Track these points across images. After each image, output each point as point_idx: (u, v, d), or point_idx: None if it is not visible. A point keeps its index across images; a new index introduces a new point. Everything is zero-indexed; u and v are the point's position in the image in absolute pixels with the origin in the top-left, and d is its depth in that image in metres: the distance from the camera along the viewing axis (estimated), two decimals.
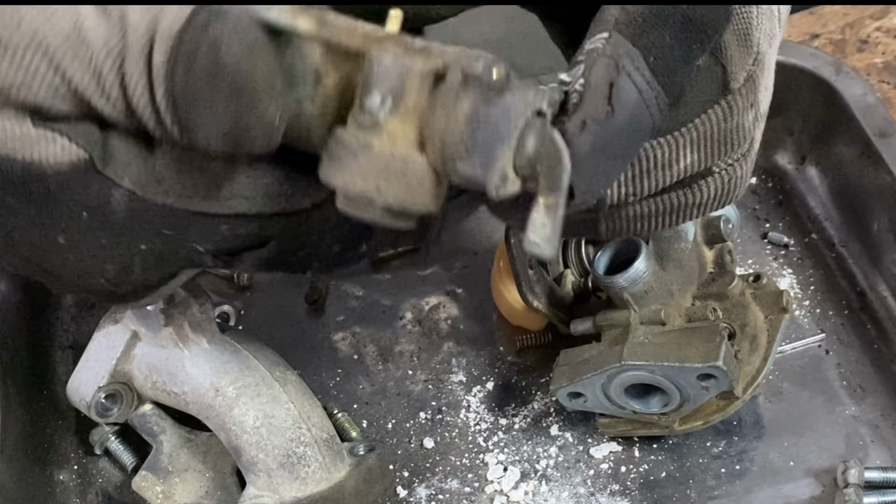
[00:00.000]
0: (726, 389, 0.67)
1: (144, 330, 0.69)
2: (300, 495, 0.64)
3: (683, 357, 0.65)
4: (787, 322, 0.71)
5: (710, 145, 0.52)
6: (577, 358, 0.69)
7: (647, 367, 0.66)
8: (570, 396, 0.69)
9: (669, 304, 0.69)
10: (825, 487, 0.70)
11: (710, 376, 0.65)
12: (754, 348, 0.69)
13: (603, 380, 0.67)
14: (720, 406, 0.70)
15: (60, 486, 0.71)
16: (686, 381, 0.66)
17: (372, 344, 0.79)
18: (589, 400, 0.69)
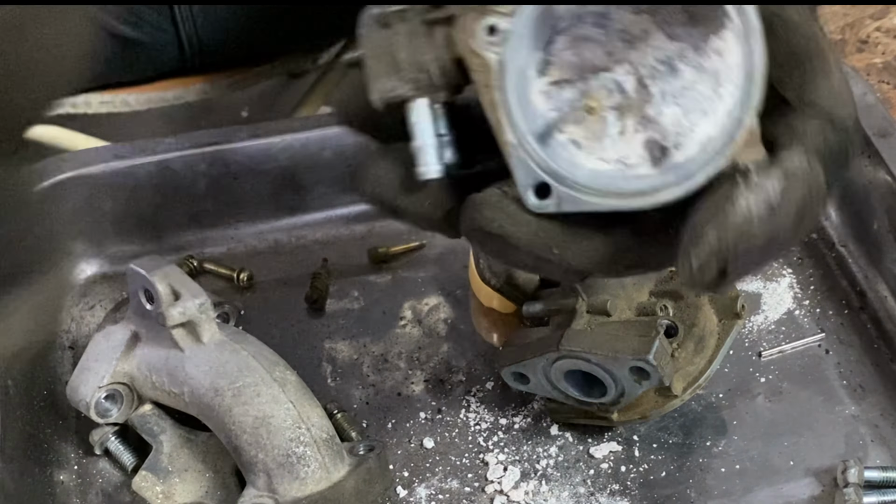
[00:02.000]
0: (658, 385, 0.67)
1: (144, 330, 0.69)
2: (300, 495, 0.64)
3: (617, 348, 0.66)
4: (739, 327, 0.71)
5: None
6: (524, 339, 0.70)
7: (583, 354, 0.66)
8: (515, 377, 0.70)
9: (619, 295, 0.69)
10: (825, 487, 0.70)
11: (641, 370, 0.66)
12: (700, 349, 0.69)
13: (543, 363, 0.68)
14: (659, 402, 0.70)
15: (60, 486, 0.71)
16: (619, 372, 0.67)
17: (371, 344, 0.79)
18: (532, 383, 0.70)
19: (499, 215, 0.49)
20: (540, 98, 0.49)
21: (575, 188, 0.48)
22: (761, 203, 0.45)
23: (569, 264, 0.50)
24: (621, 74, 0.49)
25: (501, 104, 0.48)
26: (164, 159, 0.82)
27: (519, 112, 0.48)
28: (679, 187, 0.47)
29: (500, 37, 0.47)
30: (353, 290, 0.82)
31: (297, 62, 1.37)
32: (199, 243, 0.85)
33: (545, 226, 0.49)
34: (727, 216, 0.45)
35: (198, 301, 0.67)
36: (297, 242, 0.86)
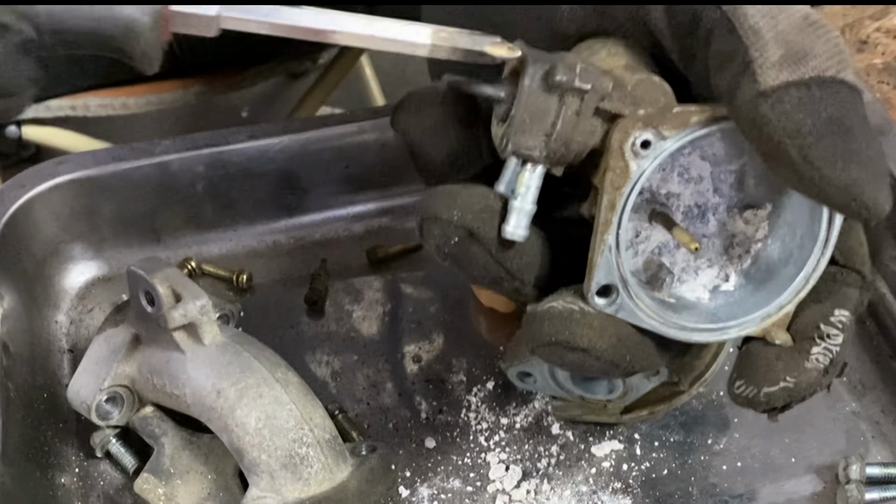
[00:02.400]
0: (667, 381, 0.67)
1: (145, 332, 0.69)
2: (303, 496, 0.64)
3: None
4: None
5: None
6: None
7: None
8: (520, 376, 0.70)
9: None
10: (827, 483, 0.70)
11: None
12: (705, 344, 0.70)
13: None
14: (666, 398, 0.71)
15: (62, 489, 0.71)
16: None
17: (371, 344, 0.79)
18: (538, 381, 0.70)
19: (587, 332, 0.54)
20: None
21: (635, 300, 0.54)
22: (828, 360, 0.56)
23: (633, 367, 0.56)
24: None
25: (619, 209, 0.52)
26: (163, 161, 0.82)
27: (627, 221, 0.52)
28: (713, 335, 0.56)
29: (649, 152, 0.51)
30: (352, 291, 0.82)
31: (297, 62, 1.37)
32: (198, 245, 0.85)
33: (623, 335, 0.55)
34: (804, 371, 0.55)
35: (199, 303, 0.67)
36: (296, 243, 0.86)
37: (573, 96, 0.51)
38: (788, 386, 0.55)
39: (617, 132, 0.51)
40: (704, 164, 0.55)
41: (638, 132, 0.51)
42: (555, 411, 0.73)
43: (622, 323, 0.55)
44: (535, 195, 0.53)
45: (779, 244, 0.57)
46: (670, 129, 0.51)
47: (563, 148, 0.52)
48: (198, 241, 0.85)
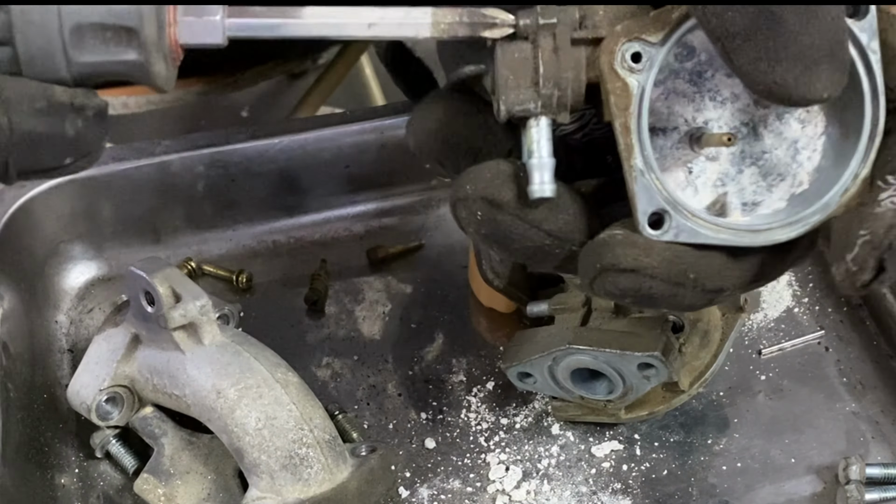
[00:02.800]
0: (666, 381, 0.67)
1: (145, 332, 0.69)
2: (303, 496, 0.64)
3: (625, 345, 0.66)
4: (742, 321, 0.72)
5: None
6: (529, 339, 0.70)
7: (591, 352, 0.67)
8: (520, 376, 0.70)
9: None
10: (827, 484, 0.70)
11: (650, 366, 0.66)
12: (705, 344, 0.70)
13: (549, 362, 0.69)
14: (666, 397, 0.71)
15: (62, 489, 0.71)
16: (627, 369, 0.67)
17: (372, 344, 0.79)
18: (538, 381, 0.70)
19: (631, 251, 0.51)
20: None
21: (692, 220, 0.51)
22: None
23: (703, 286, 0.52)
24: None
25: (635, 129, 0.50)
26: (163, 161, 0.82)
27: (648, 139, 0.50)
28: (792, 229, 0.52)
29: (643, 64, 0.50)
30: (352, 291, 0.82)
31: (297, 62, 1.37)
32: (198, 245, 0.85)
33: (679, 252, 0.52)
34: (876, 217, 0.50)
35: (199, 303, 0.67)
36: (296, 243, 0.86)
37: (545, 36, 0.50)
38: (867, 239, 0.50)
39: (603, 55, 0.50)
40: (733, 80, 0.53)
41: (622, 47, 0.50)
42: (554, 411, 0.73)
43: (680, 248, 0.52)
44: (549, 148, 0.51)
45: (837, 124, 0.53)
46: (653, 33, 0.50)
47: (556, 90, 0.51)
48: (198, 241, 0.85)
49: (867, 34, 0.50)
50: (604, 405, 0.71)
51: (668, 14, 0.50)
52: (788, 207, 0.53)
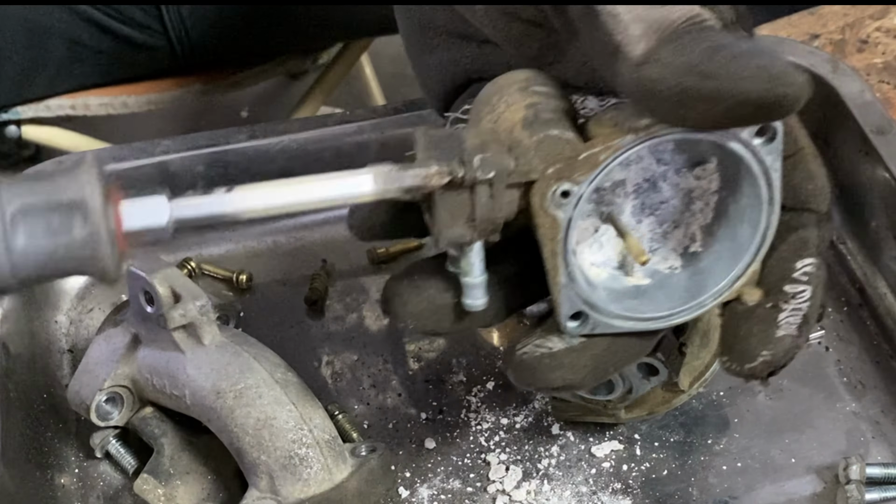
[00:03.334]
0: (666, 381, 0.67)
1: (145, 332, 0.69)
2: (303, 497, 0.64)
3: None
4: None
5: None
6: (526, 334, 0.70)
7: None
8: None
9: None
10: (827, 484, 0.70)
11: (651, 367, 0.66)
12: (705, 344, 0.69)
13: None
14: (666, 398, 0.70)
15: (61, 489, 0.71)
16: (627, 369, 0.67)
17: (371, 345, 0.79)
18: None
19: (559, 373, 0.58)
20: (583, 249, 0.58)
21: (607, 316, 0.57)
22: (800, 319, 0.57)
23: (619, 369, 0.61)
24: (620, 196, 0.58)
25: (561, 253, 0.55)
26: (163, 161, 0.82)
27: (572, 259, 0.55)
28: (689, 312, 0.59)
29: (571, 199, 0.54)
30: (352, 291, 0.82)
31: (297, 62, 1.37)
32: (198, 245, 0.85)
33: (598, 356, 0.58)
34: (778, 341, 0.57)
35: (199, 303, 0.67)
36: (296, 243, 0.86)
37: (482, 188, 0.54)
38: (767, 359, 0.57)
39: (534, 196, 0.54)
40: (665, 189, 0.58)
41: (553, 188, 0.54)
42: (554, 412, 0.73)
43: (595, 344, 0.58)
44: (480, 267, 0.56)
45: (731, 201, 0.57)
46: (582, 173, 0.54)
47: (490, 224, 0.55)
48: (198, 241, 0.85)
49: (773, 156, 0.54)
50: (604, 405, 0.71)
51: (596, 156, 0.53)
52: (683, 275, 0.59)
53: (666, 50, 0.50)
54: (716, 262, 0.58)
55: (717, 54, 0.48)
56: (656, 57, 0.50)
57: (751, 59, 0.48)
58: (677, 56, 0.49)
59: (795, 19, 0.94)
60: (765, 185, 0.55)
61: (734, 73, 0.48)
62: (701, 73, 0.48)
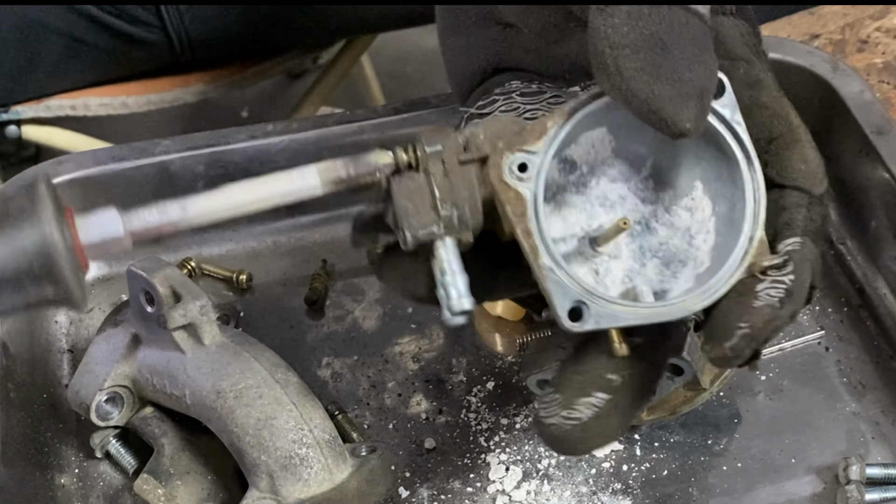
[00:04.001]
0: (691, 381, 0.67)
1: (145, 332, 0.69)
2: (303, 497, 0.64)
3: None
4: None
5: None
6: (547, 346, 0.70)
7: None
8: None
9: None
10: (827, 484, 0.70)
11: (675, 366, 0.66)
12: None
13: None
14: (688, 397, 0.70)
15: (61, 489, 0.71)
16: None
17: (371, 345, 0.79)
18: None
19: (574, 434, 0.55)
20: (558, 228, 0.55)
21: (609, 306, 0.53)
22: (783, 293, 0.53)
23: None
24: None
25: (536, 232, 0.53)
26: (163, 161, 0.82)
27: (550, 239, 0.53)
28: (703, 298, 0.54)
29: (531, 173, 0.53)
30: (352, 291, 0.82)
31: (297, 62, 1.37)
32: (198, 245, 0.85)
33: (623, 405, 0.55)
34: (755, 311, 0.53)
35: (199, 303, 0.67)
36: (296, 243, 0.86)
37: (434, 163, 0.53)
38: (746, 332, 0.53)
39: (491, 170, 0.53)
40: (617, 184, 0.56)
41: (508, 160, 0.53)
42: None
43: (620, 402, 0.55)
44: (458, 264, 0.53)
45: (723, 202, 0.56)
46: (532, 143, 0.53)
47: (454, 209, 0.53)
48: (198, 241, 0.85)
49: (729, 109, 0.54)
50: None
51: (542, 124, 0.54)
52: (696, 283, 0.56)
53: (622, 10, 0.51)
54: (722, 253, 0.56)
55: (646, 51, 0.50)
56: (612, 11, 0.51)
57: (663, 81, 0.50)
58: (625, 23, 0.50)
59: (795, 19, 0.94)
60: (734, 143, 0.54)
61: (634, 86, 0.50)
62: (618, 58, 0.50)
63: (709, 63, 0.52)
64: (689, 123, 0.50)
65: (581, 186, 0.56)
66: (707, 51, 0.52)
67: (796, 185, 0.57)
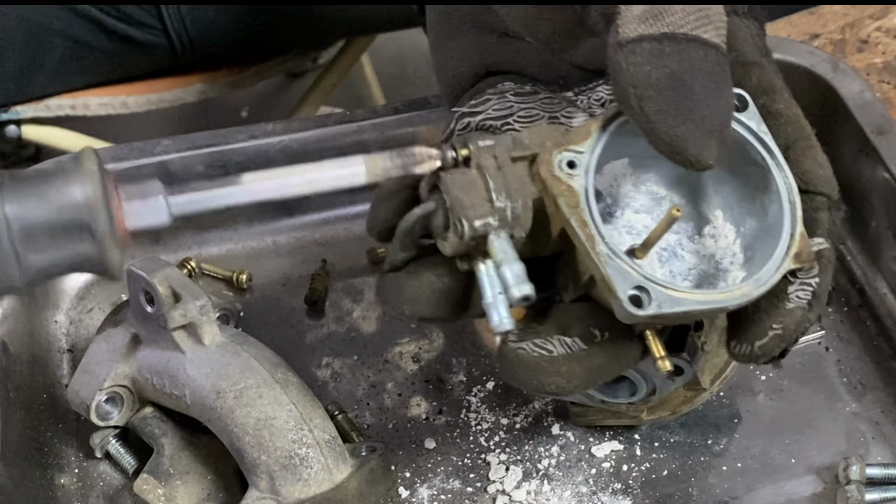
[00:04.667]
0: (691, 380, 0.67)
1: (145, 332, 0.69)
2: (303, 497, 0.64)
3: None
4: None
5: None
6: None
7: None
8: None
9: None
10: (827, 484, 0.70)
11: (676, 366, 0.66)
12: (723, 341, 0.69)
13: None
14: (688, 397, 0.70)
15: (61, 489, 0.71)
16: (652, 371, 0.66)
17: (371, 344, 0.79)
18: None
19: (554, 379, 0.57)
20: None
21: (668, 291, 0.54)
22: (810, 295, 0.56)
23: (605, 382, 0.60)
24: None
25: (591, 222, 0.54)
26: (163, 161, 0.82)
27: (604, 229, 0.54)
28: (757, 286, 0.55)
29: (579, 170, 0.55)
30: (352, 291, 0.82)
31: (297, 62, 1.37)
32: (198, 245, 0.85)
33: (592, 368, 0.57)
34: (788, 313, 0.56)
35: (199, 303, 0.67)
36: (296, 243, 0.86)
37: (486, 157, 0.54)
38: (778, 333, 0.56)
39: (542, 166, 0.55)
40: (640, 215, 0.59)
41: (556, 158, 0.55)
42: (574, 417, 0.73)
43: (595, 355, 0.57)
44: (515, 255, 0.54)
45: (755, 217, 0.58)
46: (579, 142, 0.55)
47: (509, 202, 0.54)
48: (198, 241, 0.85)
49: (755, 121, 0.57)
50: (625, 408, 0.70)
51: (587, 126, 0.56)
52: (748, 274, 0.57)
53: (644, 48, 0.52)
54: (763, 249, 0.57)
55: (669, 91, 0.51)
56: (633, 49, 0.52)
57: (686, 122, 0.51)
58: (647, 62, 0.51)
59: (795, 19, 0.94)
60: (763, 150, 0.57)
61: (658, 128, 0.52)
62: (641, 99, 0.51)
63: (727, 95, 0.54)
64: (712, 160, 0.52)
65: (607, 216, 0.58)
66: (724, 82, 0.53)
67: (818, 191, 0.59)
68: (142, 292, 0.68)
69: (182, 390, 0.67)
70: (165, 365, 0.68)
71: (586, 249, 0.54)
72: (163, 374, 0.68)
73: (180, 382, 0.67)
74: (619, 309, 0.54)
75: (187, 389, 0.67)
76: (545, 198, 0.56)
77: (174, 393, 0.68)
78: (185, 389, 0.67)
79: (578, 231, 0.54)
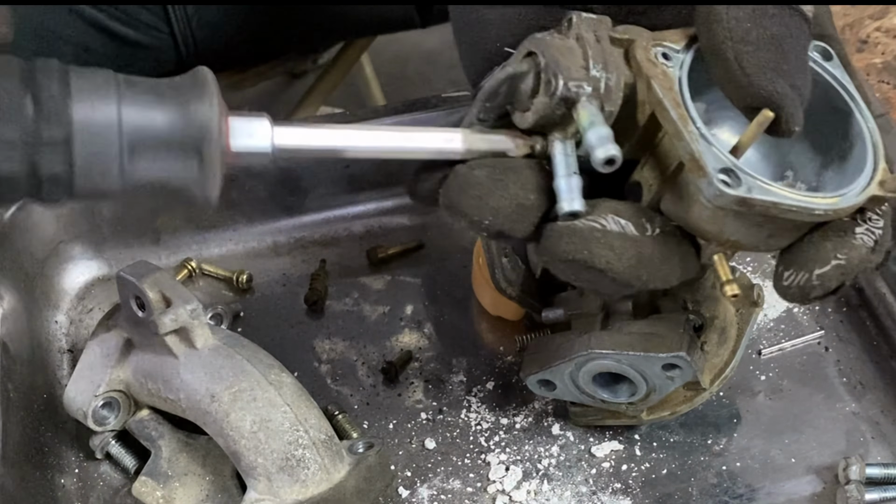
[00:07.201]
0: (691, 380, 0.67)
1: (137, 337, 0.69)
2: (301, 498, 0.64)
3: (648, 347, 0.66)
4: (756, 316, 0.71)
5: None
6: (547, 346, 0.70)
7: (613, 355, 0.66)
8: (541, 384, 0.70)
9: (640, 294, 0.69)
10: (827, 484, 0.70)
11: (675, 366, 0.66)
12: (723, 341, 0.69)
13: (571, 368, 0.68)
14: (687, 397, 0.70)
15: (62, 490, 0.71)
16: (651, 370, 0.66)
17: (371, 345, 0.79)
18: (559, 388, 0.70)
19: (606, 252, 0.55)
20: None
21: (756, 181, 0.54)
22: (873, 241, 0.56)
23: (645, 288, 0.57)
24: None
25: (683, 103, 0.55)
26: None
27: (697, 117, 0.55)
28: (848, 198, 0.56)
29: (673, 63, 0.57)
30: (352, 291, 0.82)
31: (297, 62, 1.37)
32: (198, 245, 0.85)
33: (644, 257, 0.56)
34: (854, 247, 0.55)
35: (189, 307, 0.66)
36: (296, 243, 0.86)
37: (587, 30, 0.55)
38: (841, 263, 0.55)
39: (638, 50, 0.56)
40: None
41: (652, 49, 0.56)
42: (574, 417, 0.73)
43: (645, 243, 0.56)
44: (603, 121, 0.54)
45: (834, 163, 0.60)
46: (675, 41, 0.57)
47: (604, 72, 0.55)
48: (198, 241, 0.85)
49: (839, 70, 0.60)
50: (625, 408, 0.70)
51: (680, 31, 0.58)
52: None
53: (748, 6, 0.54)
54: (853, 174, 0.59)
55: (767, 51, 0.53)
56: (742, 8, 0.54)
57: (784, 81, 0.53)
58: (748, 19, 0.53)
59: None
60: (846, 96, 0.59)
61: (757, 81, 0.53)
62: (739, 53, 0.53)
63: (808, 68, 0.55)
64: (800, 125, 0.54)
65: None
66: (807, 55, 0.55)
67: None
68: (132, 297, 0.67)
69: (177, 394, 0.67)
70: (159, 369, 0.68)
71: (678, 129, 0.54)
72: (157, 379, 0.68)
73: (174, 387, 0.67)
74: (709, 188, 0.53)
75: (182, 393, 0.66)
76: (639, 81, 0.56)
77: (169, 397, 0.67)
78: (179, 394, 0.67)
79: (671, 111, 0.54)
